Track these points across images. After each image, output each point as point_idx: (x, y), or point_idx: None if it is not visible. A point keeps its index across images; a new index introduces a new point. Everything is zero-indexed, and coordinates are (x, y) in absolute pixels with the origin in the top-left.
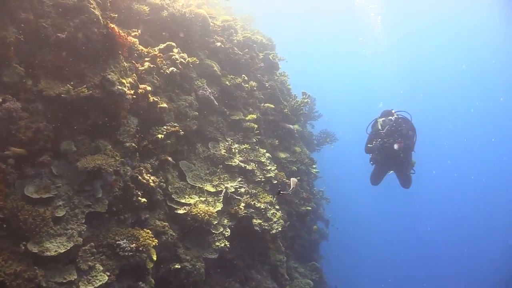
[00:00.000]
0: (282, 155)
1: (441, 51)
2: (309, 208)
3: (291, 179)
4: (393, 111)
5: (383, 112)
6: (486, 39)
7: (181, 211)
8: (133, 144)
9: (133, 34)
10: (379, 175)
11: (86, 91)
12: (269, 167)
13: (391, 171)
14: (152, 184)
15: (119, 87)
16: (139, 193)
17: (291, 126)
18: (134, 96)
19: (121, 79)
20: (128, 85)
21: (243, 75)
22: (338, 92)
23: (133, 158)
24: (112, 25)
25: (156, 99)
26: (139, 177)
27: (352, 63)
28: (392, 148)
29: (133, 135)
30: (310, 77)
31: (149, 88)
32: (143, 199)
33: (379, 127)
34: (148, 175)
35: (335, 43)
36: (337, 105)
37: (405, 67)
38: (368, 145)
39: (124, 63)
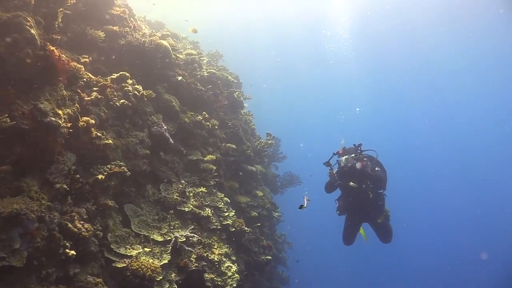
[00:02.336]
0: (243, 199)
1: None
2: (269, 257)
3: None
4: (358, 150)
5: (346, 149)
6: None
7: (120, 265)
8: (64, 186)
9: (82, 60)
10: (351, 231)
11: (9, 121)
12: (226, 213)
13: (362, 229)
14: (85, 233)
15: (52, 119)
16: (67, 244)
17: (253, 168)
18: (71, 130)
19: (56, 109)
20: (65, 116)
21: (203, 113)
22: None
23: (64, 202)
24: (52, 48)
25: (100, 134)
26: (69, 225)
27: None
28: (354, 173)
29: (66, 174)
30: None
31: (92, 121)
32: (72, 252)
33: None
34: (82, 222)
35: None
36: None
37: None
38: (328, 179)
39: (64, 91)
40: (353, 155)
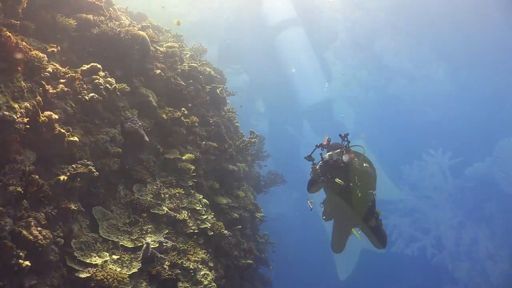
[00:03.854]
0: (223, 200)
1: None
2: (250, 261)
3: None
4: (345, 140)
5: (330, 145)
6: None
7: (83, 275)
8: (18, 189)
9: (50, 49)
10: (341, 237)
11: None
12: (204, 216)
13: (355, 230)
14: (42, 241)
15: (6, 113)
16: (20, 253)
17: (235, 168)
18: (27, 126)
19: (11, 102)
20: (23, 110)
21: (183, 109)
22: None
23: (18, 207)
24: (8, 34)
25: (64, 131)
26: (24, 232)
27: None
28: (340, 166)
29: (22, 175)
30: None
31: (55, 116)
32: (26, 262)
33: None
34: (39, 228)
35: None
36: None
37: None
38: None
39: (22, 82)
40: (338, 150)
